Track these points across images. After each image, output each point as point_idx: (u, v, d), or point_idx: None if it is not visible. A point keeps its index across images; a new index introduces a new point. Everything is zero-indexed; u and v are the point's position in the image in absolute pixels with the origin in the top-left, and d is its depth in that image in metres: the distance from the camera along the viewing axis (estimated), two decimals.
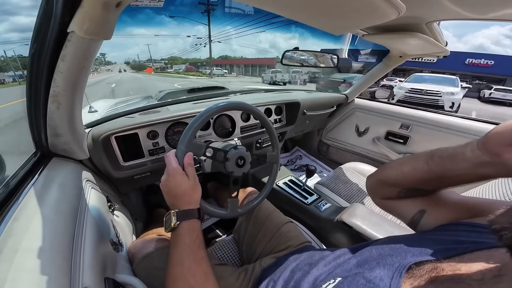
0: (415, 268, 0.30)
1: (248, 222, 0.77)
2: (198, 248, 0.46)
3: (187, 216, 0.48)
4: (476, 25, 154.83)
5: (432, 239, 0.36)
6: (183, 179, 0.50)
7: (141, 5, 0.53)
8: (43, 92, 0.45)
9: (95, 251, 0.44)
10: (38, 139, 0.55)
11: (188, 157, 0.53)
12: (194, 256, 0.44)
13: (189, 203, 0.50)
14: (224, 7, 15.77)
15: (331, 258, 0.43)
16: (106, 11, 0.35)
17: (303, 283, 0.41)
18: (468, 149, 0.33)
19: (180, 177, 0.50)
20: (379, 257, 0.36)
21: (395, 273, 0.30)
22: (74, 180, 0.57)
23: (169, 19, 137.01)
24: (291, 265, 0.49)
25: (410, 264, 0.30)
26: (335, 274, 0.38)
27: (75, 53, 0.40)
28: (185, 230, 0.47)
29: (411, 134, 1.38)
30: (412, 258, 0.32)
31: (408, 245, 0.35)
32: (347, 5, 0.47)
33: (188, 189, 0.51)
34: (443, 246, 0.32)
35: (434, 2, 0.58)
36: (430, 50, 0.99)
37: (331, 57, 1.33)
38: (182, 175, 0.51)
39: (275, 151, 0.76)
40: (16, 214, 0.39)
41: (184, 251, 0.44)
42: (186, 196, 0.50)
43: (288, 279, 0.46)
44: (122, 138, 0.75)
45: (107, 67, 62.95)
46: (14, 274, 0.30)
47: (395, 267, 0.31)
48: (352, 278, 0.33)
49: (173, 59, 73.89)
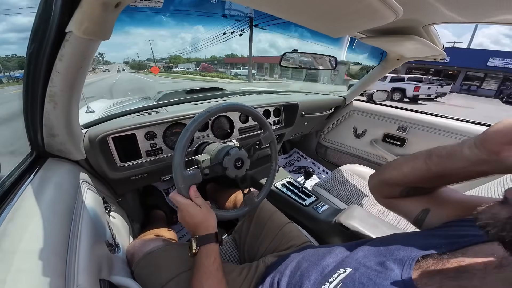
0: (422, 260, 0.32)
1: (250, 222, 0.77)
2: (216, 270, 0.49)
3: (206, 241, 0.52)
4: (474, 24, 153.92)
5: (436, 234, 0.37)
6: (196, 210, 0.54)
7: (140, 5, 0.53)
8: (40, 92, 0.45)
9: (90, 252, 0.44)
10: (34, 139, 0.54)
11: (193, 189, 0.56)
12: (213, 278, 0.48)
13: (207, 229, 0.54)
14: (224, 9, 15.22)
15: (338, 251, 0.45)
16: (105, 11, 0.35)
17: (311, 273, 0.41)
18: (466, 147, 0.33)
19: (192, 209, 0.54)
20: (386, 251, 0.37)
21: (405, 265, 0.31)
22: (70, 181, 0.56)
23: (167, 18, 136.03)
24: (297, 258, 0.51)
25: (418, 257, 0.32)
26: (344, 264, 0.38)
27: (73, 53, 0.39)
28: (203, 254, 0.51)
29: (409, 136, 1.39)
30: (418, 252, 0.33)
31: (413, 240, 0.36)
32: (345, 7, 0.47)
33: (203, 218, 0.55)
34: (447, 240, 0.33)
35: (430, 6, 0.59)
36: (427, 53, 1.00)
37: (329, 60, 1.34)
38: (194, 206, 0.55)
39: (267, 132, 0.74)
40: (11, 215, 0.38)
41: (204, 274, 0.48)
42: (203, 224, 0.54)
43: (295, 269, 0.47)
44: (119, 139, 0.75)
45: (104, 67, 60.44)
46: (9, 275, 0.30)
47: (404, 260, 0.32)
48: (364, 270, 0.34)
49: (174, 58, 70.96)
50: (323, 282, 0.36)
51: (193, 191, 0.56)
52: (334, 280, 0.35)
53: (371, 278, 0.32)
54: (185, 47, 72.32)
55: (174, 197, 0.56)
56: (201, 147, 0.84)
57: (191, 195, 0.55)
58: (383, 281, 0.30)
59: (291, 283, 0.44)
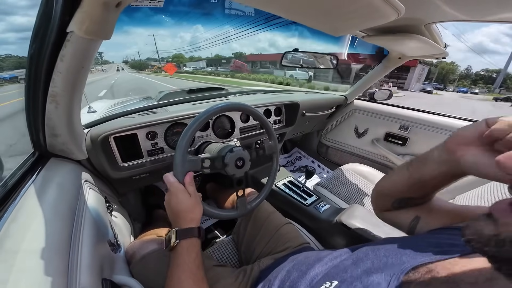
0: (411, 272, 0.30)
1: (248, 223, 0.76)
2: (197, 268, 0.46)
3: (187, 235, 0.48)
4: (475, 23, 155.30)
5: (428, 242, 0.36)
6: (185, 196, 0.51)
7: (141, 5, 0.53)
8: (41, 92, 0.45)
9: (92, 252, 0.44)
10: (36, 139, 0.54)
11: (189, 176, 0.54)
12: (193, 277, 0.45)
13: (191, 221, 0.50)
14: (224, 8, 14.83)
15: (328, 259, 0.43)
16: (106, 11, 0.35)
17: (299, 284, 0.41)
18: (435, 149, 0.35)
19: (182, 194, 0.51)
20: (375, 258, 0.36)
21: (393, 278, 0.30)
22: (72, 181, 0.57)
23: (167, 18, 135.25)
24: (288, 266, 0.49)
25: (407, 270, 0.31)
26: (331, 275, 0.38)
27: (74, 53, 0.39)
28: (184, 249, 0.47)
29: (410, 135, 1.38)
30: (408, 260, 0.32)
31: (404, 247, 0.35)
32: (347, 6, 0.47)
33: (189, 206, 0.51)
34: (438, 248, 0.33)
35: (432, 5, 0.58)
36: (429, 52, 1.00)
37: (330, 59, 1.34)
38: (184, 192, 0.52)
39: (272, 141, 0.76)
40: (14, 214, 0.39)
41: (184, 272, 0.44)
42: (187, 213, 0.51)
43: (285, 279, 0.46)
44: (121, 139, 0.75)
45: (101, 67, 57.07)
46: (11, 275, 0.30)
47: (392, 272, 0.31)
48: (349, 283, 0.33)
49: (177, 56, 67.26)
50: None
51: (189, 177, 0.53)
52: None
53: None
54: (183, 46, 69.05)
55: (167, 177, 0.53)
56: (202, 147, 0.84)
57: (185, 180, 0.53)
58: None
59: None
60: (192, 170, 0.56)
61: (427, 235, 0.39)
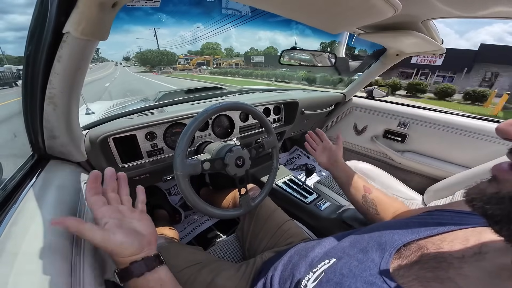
0: (403, 249, 0.33)
1: (251, 220, 0.78)
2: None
3: (143, 268, 0.39)
4: (478, 22, 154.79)
5: (417, 222, 0.39)
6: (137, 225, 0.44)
7: (138, 5, 0.53)
8: (39, 94, 0.44)
9: (95, 253, 0.44)
10: (34, 141, 0.54)
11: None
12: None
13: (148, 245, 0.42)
14: (221, 8, 14.72)
15: (327, 243, 0.46)
16: (102, 12, 0.35)
17: (300, 265, 0.43)
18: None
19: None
20: (370, 239, 0.38)
21: (386, 254, 0.32)
22: (72, 182, 0.57)
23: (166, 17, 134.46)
24: (290, 253, 0.52)
25: (399, 246, 0.33)
26: (330, 254, 0.40)
27: (71, 54, 0.39)
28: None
29: (409, 132, 1.38)
30: (399, 238, 0.35)
31: (396, 228, 0.38)
32: (344, 3, 0.47)
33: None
34: (427, 227, 0.35)
35: (428, 1, 0.58)
36: (427, 48, 0.99)
37: (328, 56, 1.34)
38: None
39: (270, 137, 0.77)
40: (15, 217, 0.39)
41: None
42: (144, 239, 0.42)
43: (287, 263, 0.48)
44: (120, 140, 0.75)
45: (96, 65, 48.65)
46: (14, 277, 0.30)
47: (385, 249, 0.34)
48: (346, 260, 0.35)
49: (207, 48, 56.88)
50: (308, 272, 0.38)
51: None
52: (318, 270, 0.36)
53: (351, 270, 0.33)
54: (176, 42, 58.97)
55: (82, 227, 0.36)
56: (201, 147, 0.84)
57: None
58: (362, 273, 0.31)
59: (283, 277, 0.45)
60: (193, 174, 0.57)
61: (416, 216, 0.42)
